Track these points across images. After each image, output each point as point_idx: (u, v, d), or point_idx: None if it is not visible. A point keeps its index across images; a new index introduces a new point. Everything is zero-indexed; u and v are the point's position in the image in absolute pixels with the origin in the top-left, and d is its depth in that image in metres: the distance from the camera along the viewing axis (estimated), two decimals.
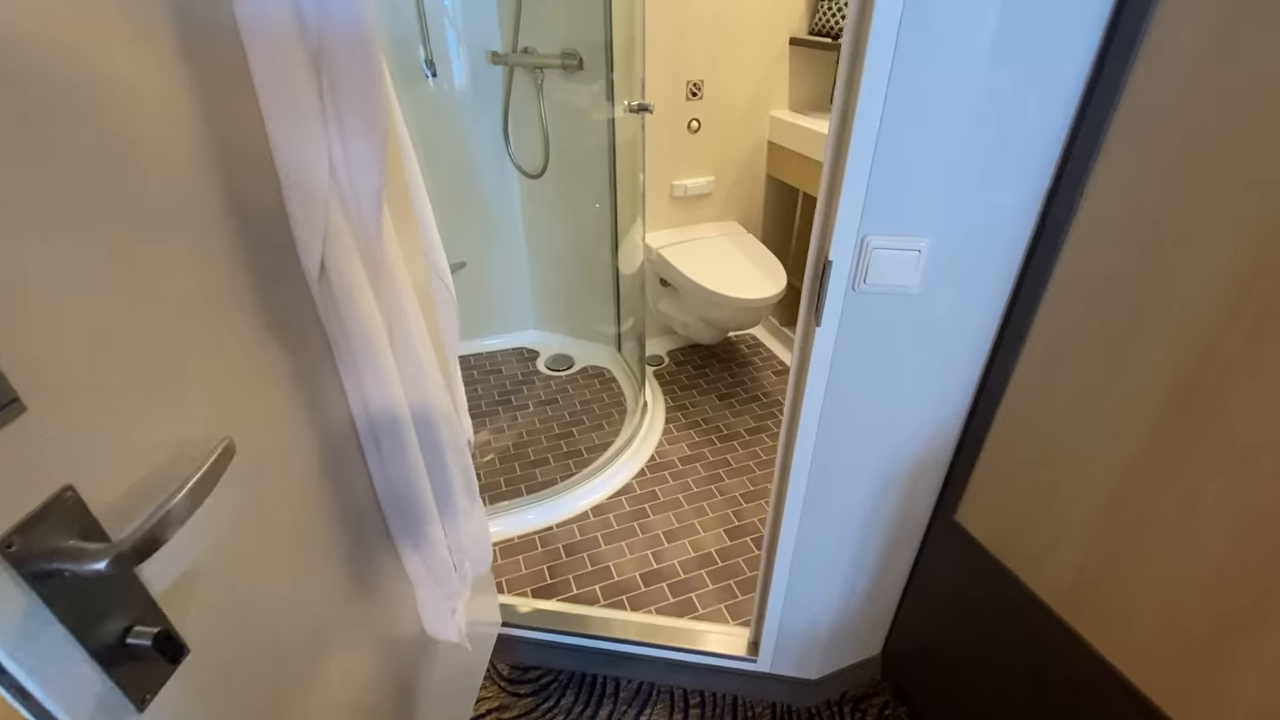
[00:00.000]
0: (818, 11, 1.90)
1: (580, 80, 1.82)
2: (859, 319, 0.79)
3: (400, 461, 0.70)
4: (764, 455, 1.82)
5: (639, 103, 1.54)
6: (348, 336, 0.60)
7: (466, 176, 2.00)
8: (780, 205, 2.27)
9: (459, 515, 0.84)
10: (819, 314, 0.80)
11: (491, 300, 2.27)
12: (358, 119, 0.54)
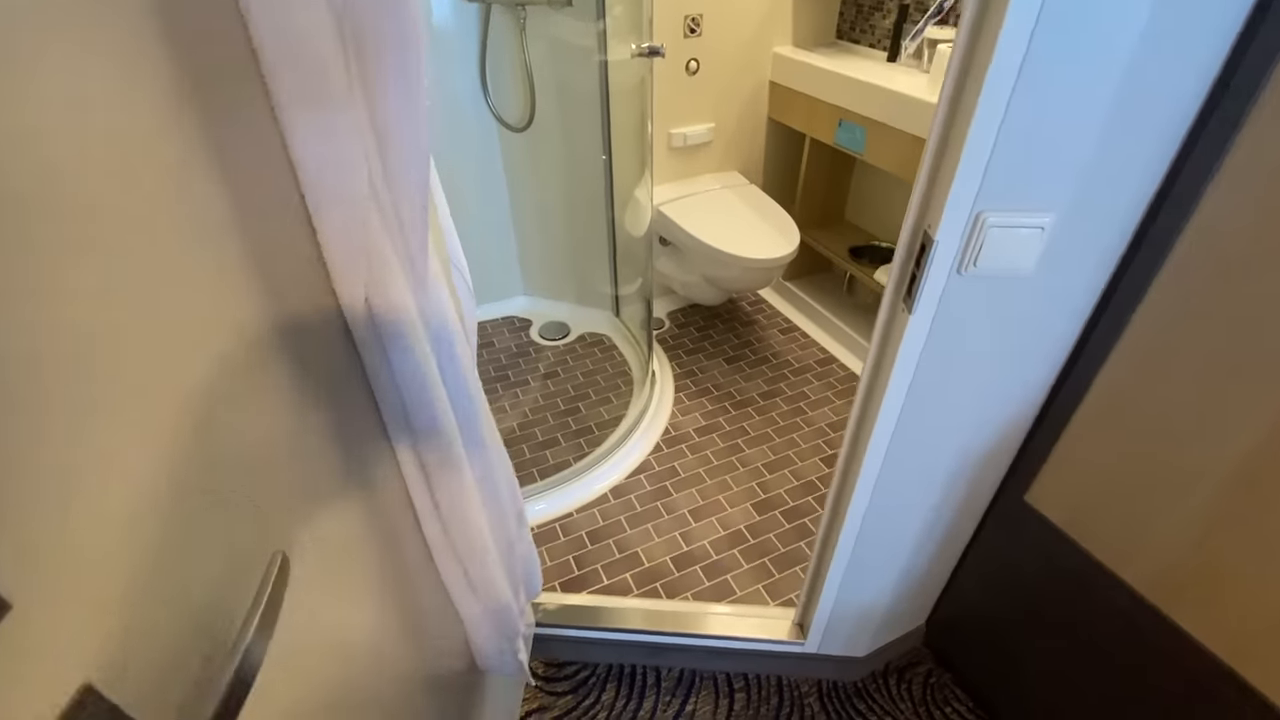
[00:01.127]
0: None
1: (570, 17, 1.62)
2: (959, 304, 0.70)
3: (460, 505, 0.59)
4: (780, 421, 1.76)
5: (649, 45, 1.37)
6: (399, 389, 0.48)
7: (440, 132, 1.80)
8: (784, 152, 2.13)
9: (514, 545, 0.75)
10: (912, 300, 0.70)
11: (476, 267, 2.09)
12: (398, 94, 0.40)
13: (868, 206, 2.07)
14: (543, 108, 1.77)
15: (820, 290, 2.18)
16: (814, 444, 1.68)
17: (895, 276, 0.74)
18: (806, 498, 1.53)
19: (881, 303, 0.77)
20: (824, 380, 1.89)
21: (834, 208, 2.13)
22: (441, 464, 0.56)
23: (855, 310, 2.08)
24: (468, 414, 0.61)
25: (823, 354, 2.00)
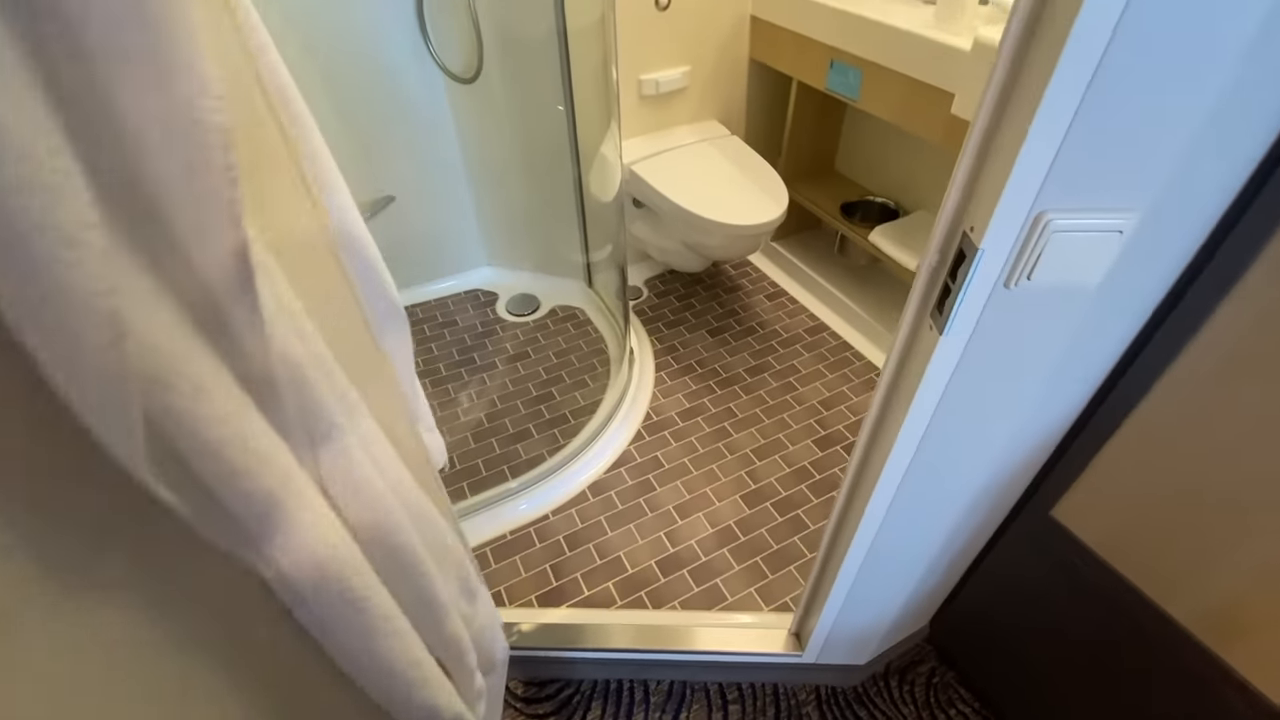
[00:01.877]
0: None
1: None
2: (1003, 324, 0.56)
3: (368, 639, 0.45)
4: (769, 399, 1.64)
5: None
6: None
7: (377, 88, 1.57)
8: (768, 98, 1.92)
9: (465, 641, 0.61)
10: (944, 319, 0.56)
11: (432, 236, 1.90)
12: None
13: (860, 157, 1.89)
14: (492, 54, 1.55)
15: (809, 251, 2.02)
16: (805, 424, 1.57)
17: (922, 288, 0.59)
18: (799, 486, 1.43)
19: (902, 318, 0.62)
20: (814, 351, 1.76)
21: (823, 159, 1.95)
22: None
23: (847, 273, 1.93)
24: None
25: (812, 321, 1.86)
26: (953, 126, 1.25)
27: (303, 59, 1.46)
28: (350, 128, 1.60)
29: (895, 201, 1.78)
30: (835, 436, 1.53)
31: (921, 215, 1.67)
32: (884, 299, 1.83)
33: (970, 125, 0.49)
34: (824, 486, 1.42)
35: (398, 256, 1.95)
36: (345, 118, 1.58)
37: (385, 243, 1.85)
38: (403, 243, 1.86)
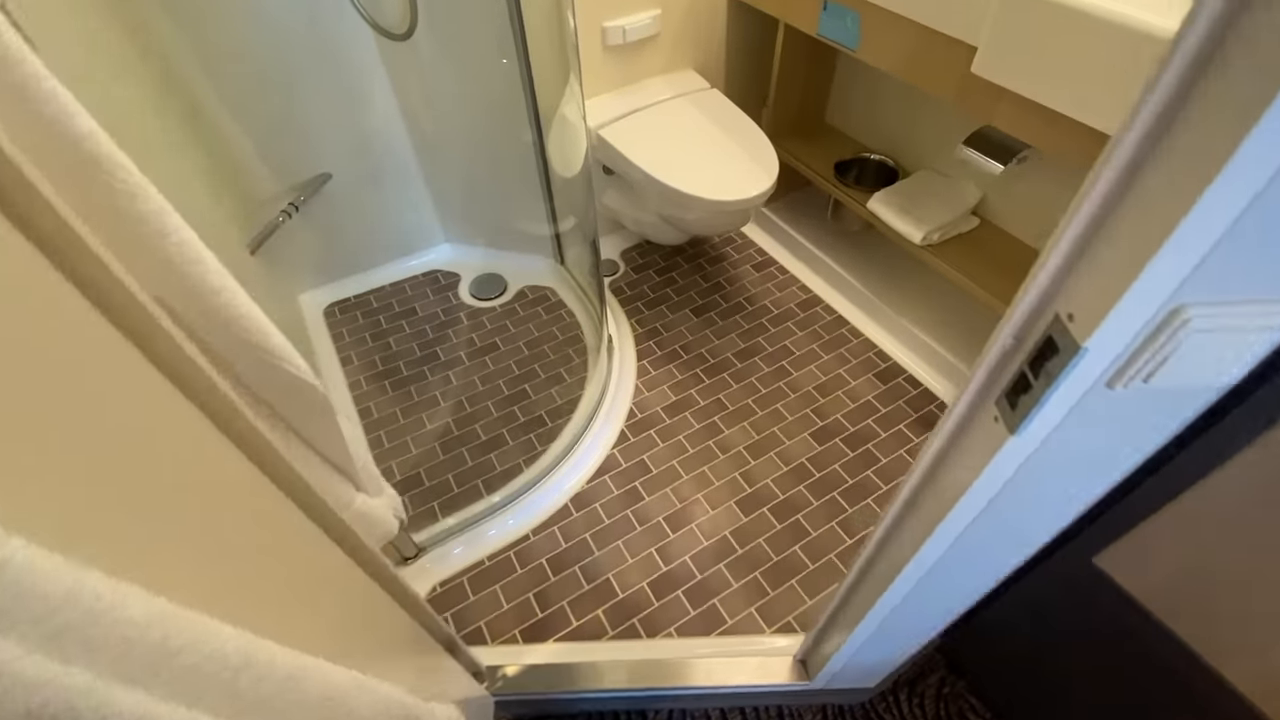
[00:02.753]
0: None
1: None
2: (1095, 423, 0.43)
3: None
4: (761, 386, 1.51)
5: None
6: None
7: (294, 50, 1.33)
8: (751, 43, 1.69)
9: None
10: (1019, 419, 0.42)
11: (379, 214, 1.70)
12: None
13: (854, 108, 1.70)
14: (428, 6, 1.31)
15: (798, 215, 1.85)
16: (801, 415, 1.45)
17: (988, 371, 0.45)
18: (798, 487, 1.33)
19: (960, 398, 0.49)
20: (808, 329, 1.63)
21: (813, 110, 1.75)
22: None
23: (841, 240, 1.77)
24: None
25: (805, 294, 1.72)
26: (969, 85, 1.07)
27: (199, 23, 1.22)
28: (268, 99, 1.37)
29: (894, 159, 1.61)
30: (833, 428, 1.43)
31: (925, 176, 1.51)
32: (881, 268, 1.68)
33: (1082, 189, 0.34)
34: (823, 486, 1.33)
35: (343, 240, 1.75)
36: (261, 88, 1.34)
37: (326, 226, 1.65)
38: (346, 224, 1.66)
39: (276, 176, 1.48)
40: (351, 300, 1.74)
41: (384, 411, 1.48)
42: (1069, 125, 0.95)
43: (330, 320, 1.69)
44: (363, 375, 1.56)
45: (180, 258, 0.43)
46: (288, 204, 1.49)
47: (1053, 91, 0.93)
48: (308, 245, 1.64)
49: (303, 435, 0.65)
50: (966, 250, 1.39)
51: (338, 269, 1.75)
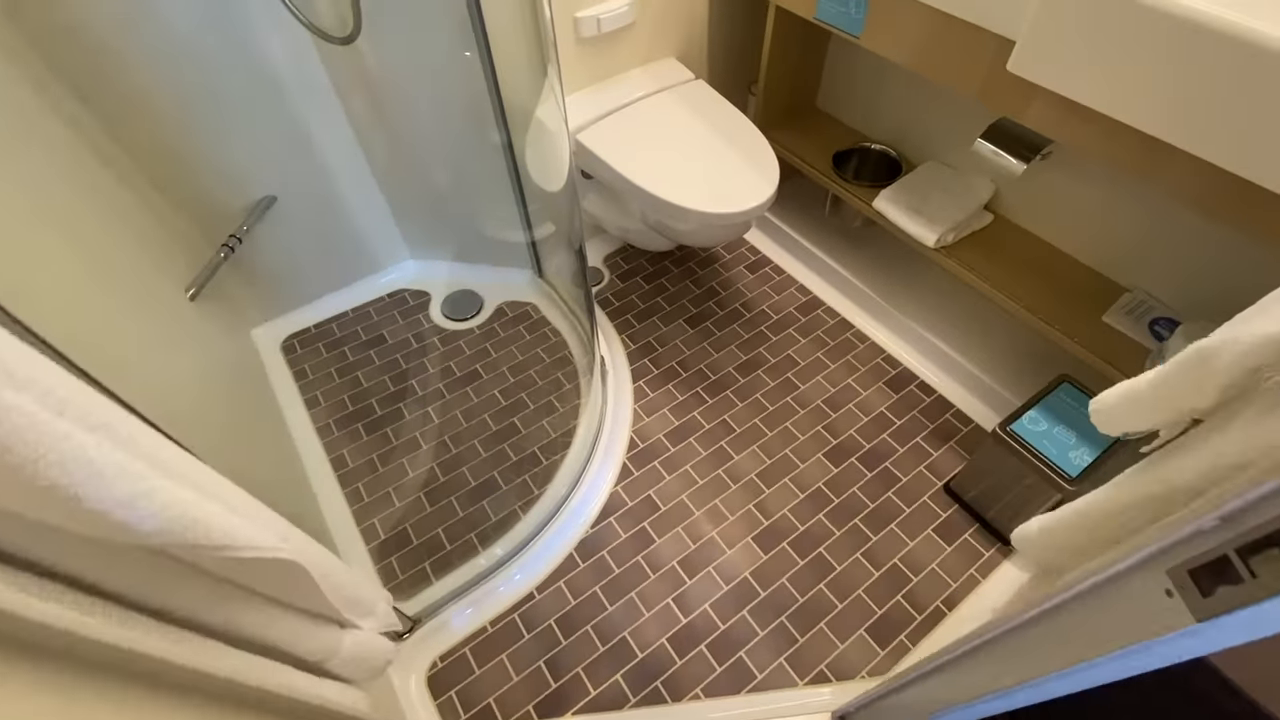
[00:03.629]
0: None
1: None
2: None
3: None
4: (768, 403, 1.42)
5: None
6: None
7: (222, 62, 1.14)
8: (737, 25, 1.54)
9: None
10: (1211, 608, 0.33)
11: (334, 234, 1.52)
12: None
13: (850, 93, 1.57)
14: (372, 3, 1.13)
15: (793, 210, 1.73)
16: (813, 433, 1.37)
17: (1171, 541, 0.35)
18: (817, 516, 1.25)
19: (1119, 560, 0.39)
20: (811, 335, 1.54)
21: (804, 96, 1.62)
22: None
23: (841, 236, 1.67)
24: None
25: (804, 295, 1.62)
26: (997, 82, 0.96)
27: (101, 64, 1.03)
28: (194, 128, 1.18)
29: (896, 149, 1.49)
30: (848, 446, 1.34)
31: (931, 168, 1.40)
32: (885, 266, 1.59)
33: None
34: (843, 513, 1.25)
35: (295, 265, 1.56)
36: (185, 109, 1.15)
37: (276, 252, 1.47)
38: (297, 248, 1.48)
39: (214, 208, 1.30)
40: (311, 331, 1.58)
41: (360, 460, 1.34)
42: (1107, 124, 0.85)
43: (290, 356, 1.53)
44: (332, 419, 1.41)
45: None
46: (229, 236, 1.31)
47: (1101, 92, 0.83)
48: (257, 276, 1.46)
49: (272, 596, 0.52)
50: (982, 250, 1.30)
51: (293, 298, 1.58)
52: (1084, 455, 1.04)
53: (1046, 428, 1.07)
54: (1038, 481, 1.06)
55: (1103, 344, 1.14)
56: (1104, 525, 0.62)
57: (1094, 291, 1.22)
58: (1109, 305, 1.19)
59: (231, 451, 1.05)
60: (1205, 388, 0.47)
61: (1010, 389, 1.34)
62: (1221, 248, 1.06)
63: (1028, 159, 1.12)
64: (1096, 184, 1.17)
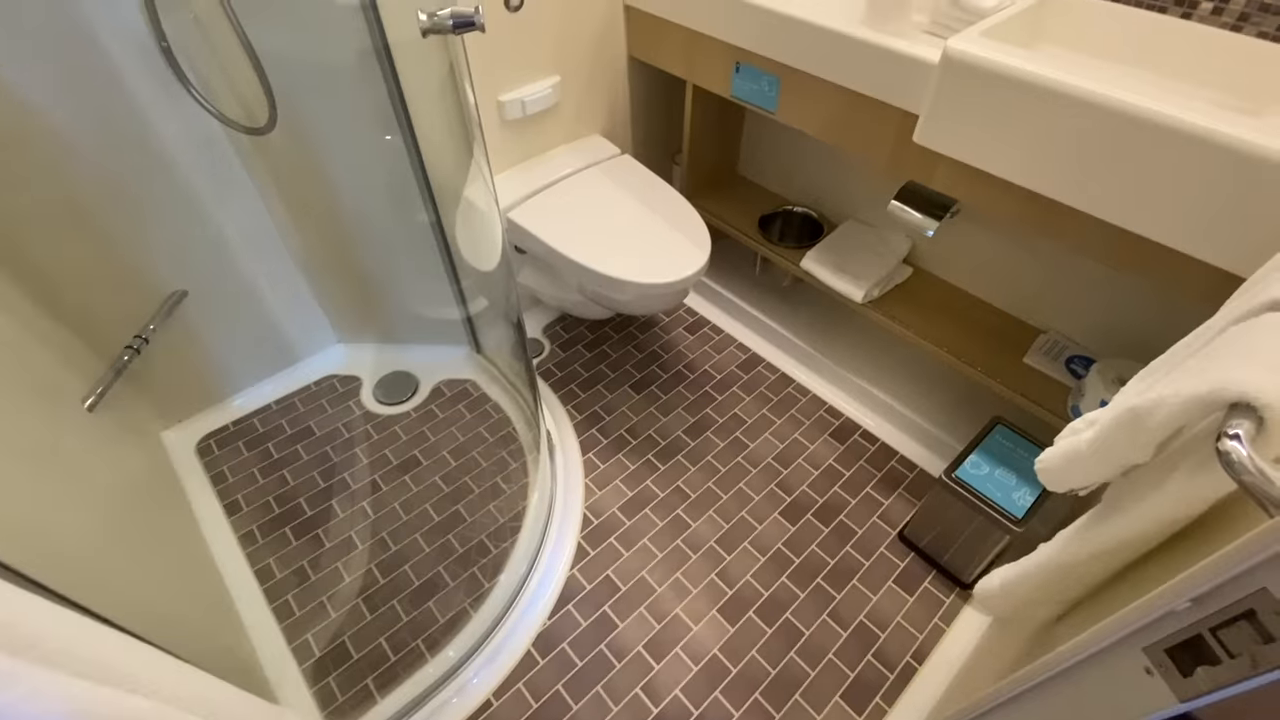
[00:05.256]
0: None
1: None
2: None
3: None
4: (720, 464, 1.41)
5: (451, 12, 0.76)
6: None
7: (120, 156, 1.08)
8: (658, 101, 1.61)
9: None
10: (1190, 686, 0.33)
11: (254, 323, 1.44)
12: None
13: (769, 161, 1.65)
14: (287, 91, 1.10)
15: (725, 271, 1.77)
16: (767, 491, 1.36)
17: (1147, 622, 0.35)
18: (780, 579, 1.23)
19: (1093, 640, 0.39)
20: (755, 392, 1.55)
21: (726, 164, 1.69)
22: None
23: (773, 294, 1.72)
24: None
25: (744, 353, 1.64)
26: (905, 151, 1.03)
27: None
28: (91, 220, 1.10)
29: (816, 211, 1.57)
30: (802, 502, 1.34)
31: (851, 227, 1.48)
32: (818, 321, 1.64)
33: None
34: (805, 573, 1.23)
35: (210, 360, 1.44)
36: (78, 209, 1.08)
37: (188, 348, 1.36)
38: (212, 342, 1.39)
39: (114, 310, 1.20)
40: (230, 429, 1.46)
41: (288, 569, 1.23)
42: (1004, 186, 0.92)
43: (206, 459, 1.41)
44: (255, 524, 1.29)
45: None
46: (134, 337, 1.21)
47: (996, 159, 0.90)
48: (167, 375, 1.35)
49: None
50: (906, 301, 1.37)
51: (209, 395, 1.47)
52: (1026, 496, 1.07)
53: (988, 471, 1.11)
54: (986, 525, 1.08)
55: (1026, 384, 1.20)
56: (1062, 579, 0.63)
57: (1012, 335, 1.29)
58: (1028, 347, 1.26)
59: (135, 582, 0.93)
60: (1141, 445, 0.49)
61: (948, 432, 1.39)
62: (1122, 289, 1.15)
63: (938, 217, 1.19)
64: (1003, 237, 1.26)
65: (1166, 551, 0.55)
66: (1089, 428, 0.57)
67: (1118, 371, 1.08)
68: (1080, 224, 0.88)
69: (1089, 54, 0.98)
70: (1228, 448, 0.39)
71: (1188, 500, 0.49)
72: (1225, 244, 0.75)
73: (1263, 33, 0.87)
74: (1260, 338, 0.45)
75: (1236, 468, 0.38)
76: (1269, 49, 0.86)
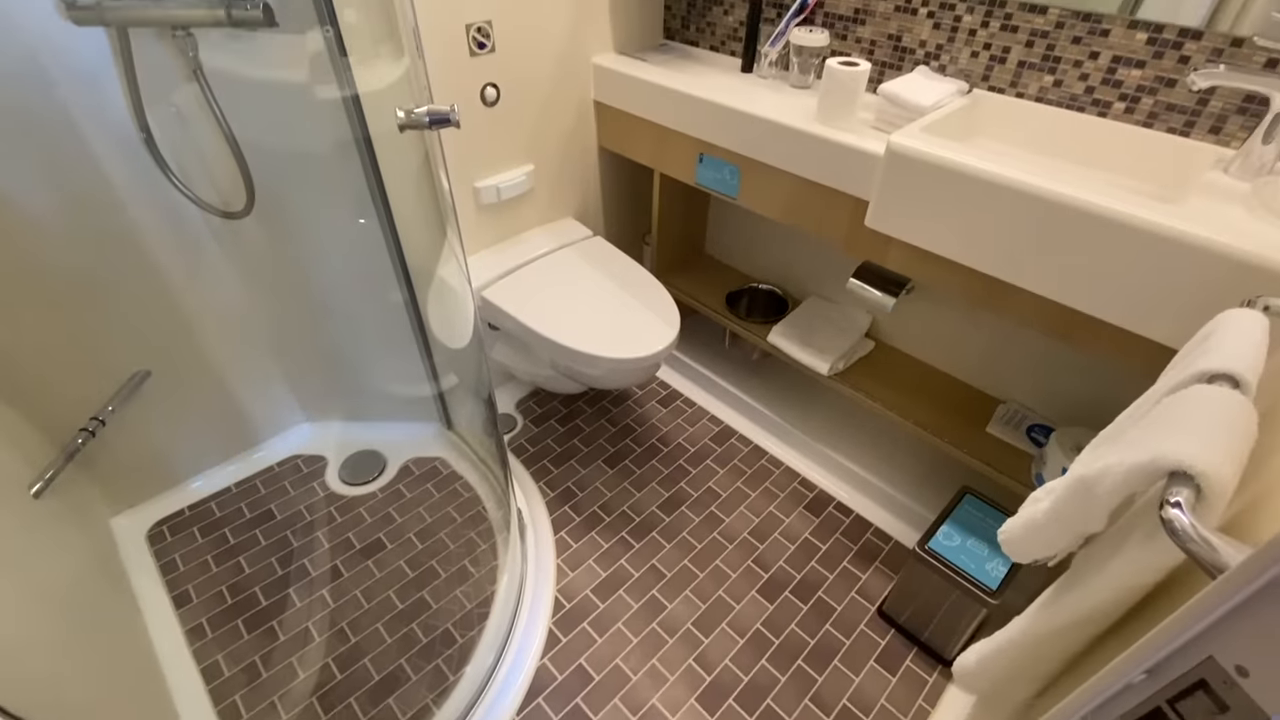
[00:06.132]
0: None
1: (275, 45, 1.00)
2: None
3: None
4: (696, 541, 1.38)
5: (428, 110, 0.82)
6: None
7: (94, 236, 1.09)
8: (628, 187, 1.69)
9: None
10: None
11: (218, 403, 1.41)
12: None
13: (734, 241, 1.73)
14: (268, 179, 1.14)
15: (696, 345, 1.81)
16: (744, 568, 1.33)
17: (1106, 696, 0.35)
18: (760, 662, 1.18)
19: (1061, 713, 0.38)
20: (729, 465, 1.55)
21: (694, 244, 1.77)
22: None
23: (743, 368, 1.75)
24: None
25: (716, 425, 1.65)
26: (859, 233, 1.09)
27: None
28: (57, 300, 1.10)
29: (780, 288, 1.64)
30: (780, 578, 1.32)
31: (814, 303, 1.53)
32: (788, 393, 1.67)
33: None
34: (785, 655, 1.19)
35: (169, 442, 1.38)
36: (44, 289, 1.07)
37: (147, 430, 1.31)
38: (172, 423, 1.35)
39: (75, 391, 1.18)
40: (186, 513, 1.40)
41: (239, 664, 1.15)
42: (952, 265, 0.98)
43: (157, 546, 1.34)
44: (205, 617, 1.22)
45: None
46: (90, 419, 1.18)
47: (941, 241, 0.96)
48: (122, 459, 1.31)
49: None
50: (870, 374, 1.40)
51: (165, 478, 1.42)
52: (999, 566, 1.07)
53: (960, 542, 1.11)
54: (962, 598, 1.07)
55: (990, 453, 1.23)
56: (1035, 653, 0.62)
57: (974, 405, 1.33)
58: (990, 416, 1.29)
59: (63, 681, 0.86)
60: (1094, 514, 0.51)
61: (920, 502, 1.40)
62: (1073, 360, 1.21)
63: (895, 294, 1.25)
64: (958, 311, 1.32)
65: (1134, 621, 0.55)
66: (1047, 497, 0.58)
67: (1075, 440, 1.12)
68: (1023, 300, 0.94)
69: (1019, 146, 1.08)
70: (1170, 515, 0.41)
71: (1144, 568, 0.50)
72: (1156, 319, 0.80)
73: (1171, 128, 0.97)
74: (1190, 409, 0.48)
75: (1181, 535, 0.39)
76: (1177, 142, 0.95)
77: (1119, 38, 0.95)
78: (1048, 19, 1.00)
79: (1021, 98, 1.07)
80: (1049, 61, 1.02)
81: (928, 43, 1.14)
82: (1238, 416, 0.46)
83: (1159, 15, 0.91)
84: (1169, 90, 0.94)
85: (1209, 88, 0.89)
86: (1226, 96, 0.90)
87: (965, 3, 1.07)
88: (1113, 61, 0.97)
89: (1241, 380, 0.51)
